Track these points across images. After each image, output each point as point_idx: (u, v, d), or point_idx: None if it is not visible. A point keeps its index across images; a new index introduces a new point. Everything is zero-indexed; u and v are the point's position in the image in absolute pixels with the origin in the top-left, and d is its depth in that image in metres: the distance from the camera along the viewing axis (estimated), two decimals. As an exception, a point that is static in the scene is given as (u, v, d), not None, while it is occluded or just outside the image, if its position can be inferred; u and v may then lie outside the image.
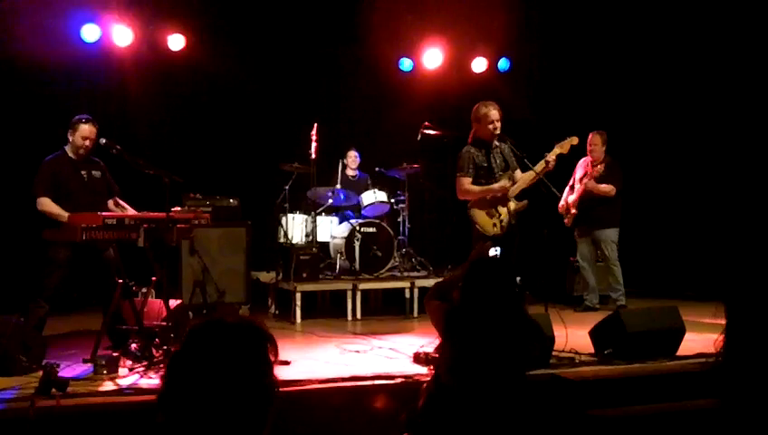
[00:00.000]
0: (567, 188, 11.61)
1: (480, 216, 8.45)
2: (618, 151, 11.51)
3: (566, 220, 11.57)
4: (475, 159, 8.46)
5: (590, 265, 11.64)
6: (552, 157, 8.58)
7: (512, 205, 8.49)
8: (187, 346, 2.31)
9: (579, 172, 11.55)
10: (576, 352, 7.97)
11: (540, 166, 8.53)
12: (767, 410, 2.03)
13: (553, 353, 7.72)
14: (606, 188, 11.24)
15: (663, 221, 11.83)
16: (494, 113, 8.48)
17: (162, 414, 2.25)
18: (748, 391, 2.04)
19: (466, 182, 8.43)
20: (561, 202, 11.37)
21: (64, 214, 7.95)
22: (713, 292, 2.28)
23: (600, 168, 11.17)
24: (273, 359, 2.37)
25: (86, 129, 8.44)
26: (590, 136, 11.45)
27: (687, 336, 8.02)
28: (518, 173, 8.64)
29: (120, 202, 8.79)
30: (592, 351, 8.05)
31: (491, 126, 8.44)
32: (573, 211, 11.42)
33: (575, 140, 8.96)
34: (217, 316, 2.41)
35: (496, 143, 8.63)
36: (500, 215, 8.44)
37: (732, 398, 2.08)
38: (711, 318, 2.26)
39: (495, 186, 8.44)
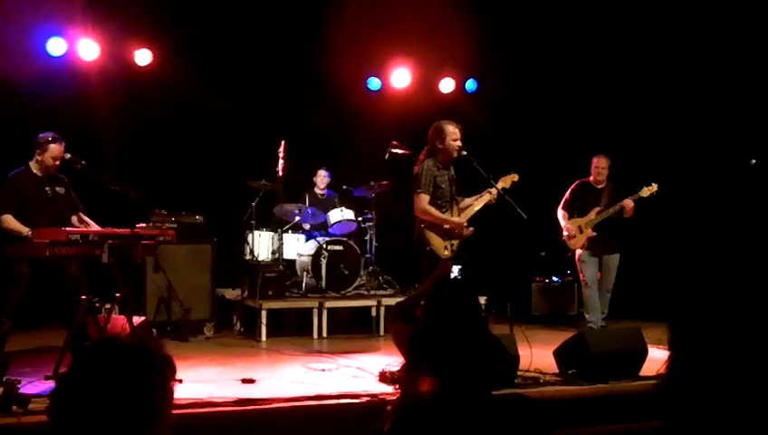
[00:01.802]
0: (561, 211, 11.24)
1: (433, 238, 8.46)
2: (586, 171, 11.46)
3: (571, 243, 11.10)
4: (436, 178, 8.48)
5: (595, 287, 11.12)
6: (494, 191, 8.69)
7: (464, 232, 8.57)
8: (77, 365, 2.35)
9: (580, 195, 11.21)
10: (540, 372, 8.02)
11: (483, 200, 8.73)
12: (708, 432, 2.05)
13: (518, 373, 7.74)
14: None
15: (625, 242, 11.88)
16: (457, 131, 8.53)
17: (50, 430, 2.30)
18: (689, 414, 2.06)
19: (426, 201, 8.43)
20: (567, 224, 11.07)
21: (25, 230, 7.88)
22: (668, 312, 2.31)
23: (654, 188, 10.78)
24: (168, 383, 2.39)
25: (56, 148, 8.39)
26: (595, 159, 11.20)
27: (650, 357, 8.08)
28: (466, 201, 8.79)
29: (84, 218, 8.74)
30: (557, 371, 8.11)
31: (456, 143, 8.45)
32: (591, 233, 10.93)
33: (516, 177, 8.99)
34: (114, 336, 2.48)
35: (450, 167, 8.70)
36: (452, 241, 8.52)
37: (674, 420, 2.11)
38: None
39: (455, 221, 8.52)
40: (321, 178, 13.17)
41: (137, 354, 2.36)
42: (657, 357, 8.06)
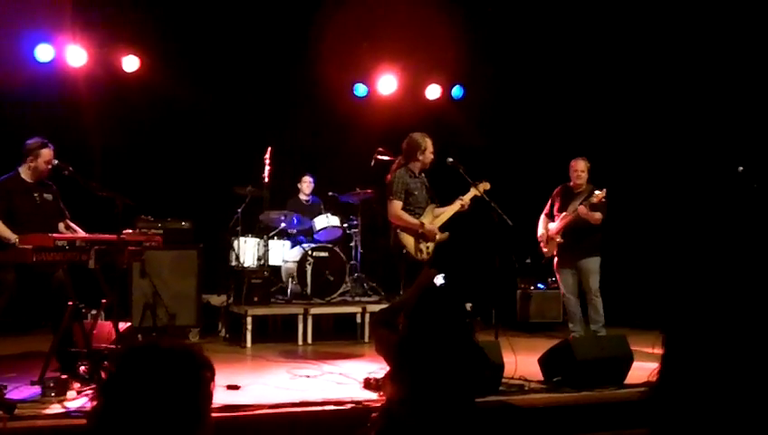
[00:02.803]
0: (543, 217, 11.03)
1: (408, 241, 8.60)
2: (566, 177, 11.36)
3: (545, 250, 10.95)
4: (408, 186, 8.66)
5: (574, 295, 10.87)
6: (467, 199, 8.87)
7: (437, 236, 8.71)
8: (121, 369, 2.37)
9: (559, 199, 10.91)
10: (525, 380, 8.03)
11: (455, 207, 8.87)
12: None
13: (503, 381, 7.76)
14: (598, 216, 10.50)
15: (612, 249, 11.90)
16: (431, 144, 8.80)
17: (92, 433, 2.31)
18: (677, 422, 2.08)
19: (398, 207, 8.61)
20: (541, 231, 10.91)
21: (13, 236, 7.85)
22: (661, 321, 2.32)
23: (601, 195, 10.44)
24: (209, 386, 2.42)
25: (48, 152, 8.38)
26: (573, 162, 10.87)
27: (635, 365, 8.11)
28: (439, 209, 8.91)
29: (71, 225, 8.71)
30: (542, 378, 8.13)
31: (432, 156, 8.73)
32: (559, 240, 10.72)
33: (487, 185, 9.04)
34: (154, 340, 2.48)
35: (422, 175, 8.89)
36: (426, 244, 8.65)
37: (660, 428, 2.12)
38: (658, 347, 2.28)
39: (427, 226, 8.62)
40: (307, 183, 13.16)
41: (178, 357, 2.38)
42: (642, 365, 8.10)
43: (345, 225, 12.64)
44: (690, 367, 2.09)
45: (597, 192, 10.46)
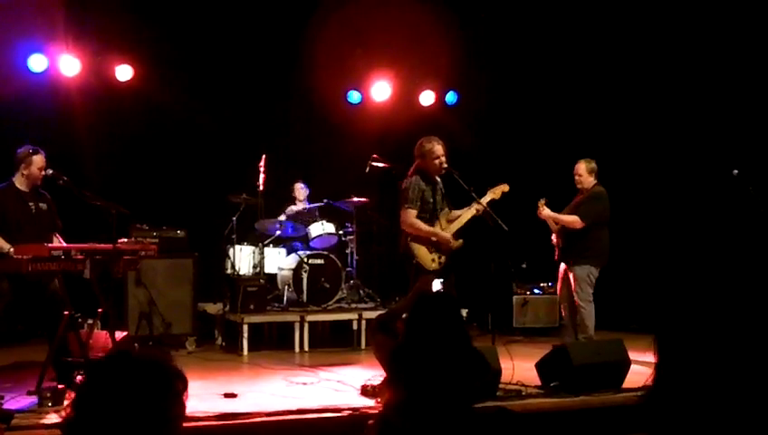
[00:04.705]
0: None
1: (420, 250, 8.30)
2: (568, 182, 11.20)
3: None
4: (423, 194, 8.38)
5: (566, 302, 10.46)
6: (484, 202, 8.64)
7: (452, 245, 8.52)
8: (92, 379, 2.37)
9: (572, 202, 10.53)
10: (523, 385, 8.01)
11: (470, 211, 8.64)
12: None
13: (500, 386, 7.75)
14: (569, 219, 10.11)
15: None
16: (439, 148, 8.40)
17: None
18: (674, 427, 2.07)
19: (413, 215, 8.28)
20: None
21: (7, 247, 7.82)
22: (655, 324, 2.31)
23: (543, 201, 10.23)
24: (180, 396, 2.41)
25: (39, 159, 8.36)
26: (575, 165, 10.45)
27: (633, 369, 8.10)
28: (454, 213, 8.68)
29: (59, 239, 8.64)
30: (539, 383, 8.11)
31: (437, 161, 8.37)
32: (554, 241, 10.42)
33: (506, 187, 8.86)
34: (126, 350, 2.49)
35: (437, 179, 8.64)
36: (440, 254, 8.42)
37: (658, 433, 2.12)
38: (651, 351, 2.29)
39: (443, 235, 8.38)
40: (299, 190, 13.13)
41: (150, 368, 2.37)
42: (640, 369, 8.10)
43: (340, 232, 12.62)
44: (684, 370, 2.09)
45: (542, 199, 10.30)
